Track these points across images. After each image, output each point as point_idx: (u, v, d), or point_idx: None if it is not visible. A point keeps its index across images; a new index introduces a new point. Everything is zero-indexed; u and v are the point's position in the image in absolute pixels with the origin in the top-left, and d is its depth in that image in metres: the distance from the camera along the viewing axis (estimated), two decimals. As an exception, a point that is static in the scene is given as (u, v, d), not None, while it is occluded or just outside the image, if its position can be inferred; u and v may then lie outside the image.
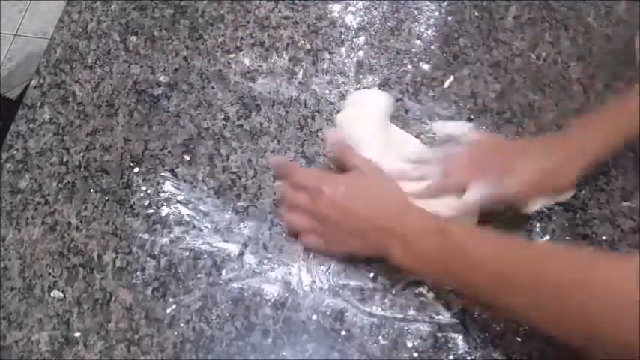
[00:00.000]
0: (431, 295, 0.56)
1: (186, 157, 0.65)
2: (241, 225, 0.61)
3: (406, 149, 0.60)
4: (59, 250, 0.61)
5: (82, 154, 0.67)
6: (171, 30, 0.74)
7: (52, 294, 0.59)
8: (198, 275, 0.59)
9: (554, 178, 0.53)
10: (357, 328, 0.55)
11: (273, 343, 0.55)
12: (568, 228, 0.59)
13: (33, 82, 0.72)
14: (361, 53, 0.71)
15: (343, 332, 0.55)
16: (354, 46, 0.71)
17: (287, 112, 0.67)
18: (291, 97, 0.68)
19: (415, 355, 0.54)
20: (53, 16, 1.82)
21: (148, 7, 0.76)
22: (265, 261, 0.59)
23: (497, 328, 0.55)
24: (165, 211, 0.62)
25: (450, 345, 0.54)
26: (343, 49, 0.71)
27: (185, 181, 0.64)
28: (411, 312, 0.56)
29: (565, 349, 0.53)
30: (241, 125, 0.67)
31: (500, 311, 0.51)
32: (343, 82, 0.69)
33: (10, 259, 0.61)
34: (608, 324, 0.37)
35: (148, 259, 0.60)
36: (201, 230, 0.61)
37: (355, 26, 0.73)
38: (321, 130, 0.66)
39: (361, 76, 0.69)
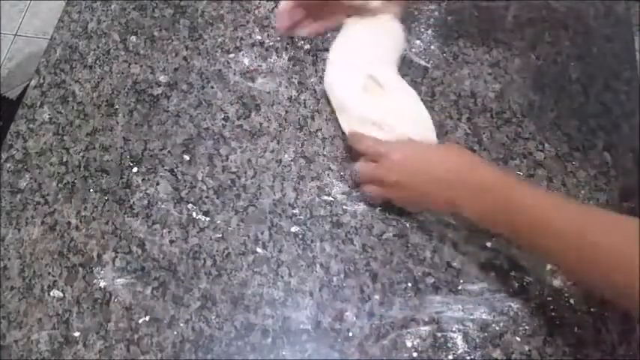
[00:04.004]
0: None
1: (186, 157, 0.65)
2: (241, 225, 0.61)
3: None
4: (59, 250, 0.61)
5: (81, 154, 0.67)
6: (171, 30, 0.74)
7: (51, 294, 0.59)
8: (198, 275, 0.59)
9: None
10: (357, 328, 0.55)
11: (273, 343, 0.55)
12: (568, 228, 0.59)
13: (33, 82, 0.72)
14: (361, 53, 0.71)
15: (343, 332, 0.55)
16: (353, 46, 0.71)
17: (287, 112, 0.67)
18: (291, 97, 0.68)
19: (415, 355, 0.54)
20: (53, 16, 1.81)
21: (147, 7, 0.76)
22: (265, 261, 0.59)
23: (497, 328, 0.55)
24: (165, 211, 0.62)
25: (450, 345, 0.54)
26: (343, 49, 0.71)
27: (185, 181, 0.64)
28: (411, 312, 0.56)
29: (564, 349, 0.54)
30: (241, 125, 0.67)
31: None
32: (343, 82, 0.69)
33: (9, 259, 0.61)
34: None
35: (148, 259, 0.60)
36: (201, 230, 0.61)
37: (355, 26, 0.73)
38: (320, 130, 0.66)
39: (361, 76, 0.69)
